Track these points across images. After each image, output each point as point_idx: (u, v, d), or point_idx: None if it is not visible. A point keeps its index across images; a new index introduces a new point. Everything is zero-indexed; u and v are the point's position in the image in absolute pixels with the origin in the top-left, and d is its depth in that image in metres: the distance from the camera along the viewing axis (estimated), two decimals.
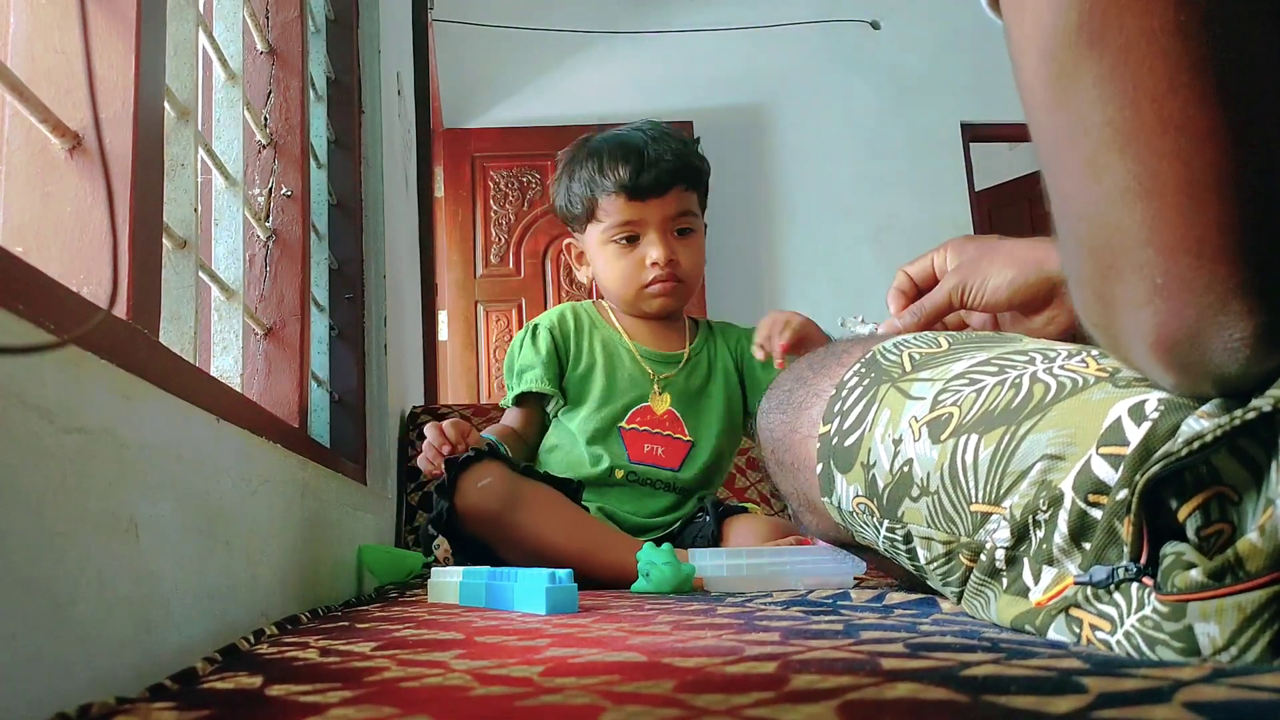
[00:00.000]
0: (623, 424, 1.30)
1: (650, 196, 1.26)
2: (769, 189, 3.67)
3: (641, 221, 1.28)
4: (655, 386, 1.33)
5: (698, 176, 1.31)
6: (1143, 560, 0.36)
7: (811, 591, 0.79)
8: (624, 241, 1.29)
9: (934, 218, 3.55)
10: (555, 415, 1.36)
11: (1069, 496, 0.42)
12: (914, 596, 0.67)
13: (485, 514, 1.06)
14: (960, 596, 0.53)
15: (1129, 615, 0.38)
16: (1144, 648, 0.37)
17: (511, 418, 1.36)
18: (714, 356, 1.39)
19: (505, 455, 1.17)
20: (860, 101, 3.72)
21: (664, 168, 1.26)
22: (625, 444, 1.30)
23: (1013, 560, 0.46)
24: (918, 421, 0.53)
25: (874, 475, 0.55)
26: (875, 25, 3.76)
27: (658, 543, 0.92)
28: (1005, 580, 0.47)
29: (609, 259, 1.31)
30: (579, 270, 1.39)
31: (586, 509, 1.18)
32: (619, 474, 1.27)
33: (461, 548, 1.07)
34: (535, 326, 1.37)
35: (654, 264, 1.28)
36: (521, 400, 1.35)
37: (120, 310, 0.51)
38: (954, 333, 0.62)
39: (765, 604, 0.68)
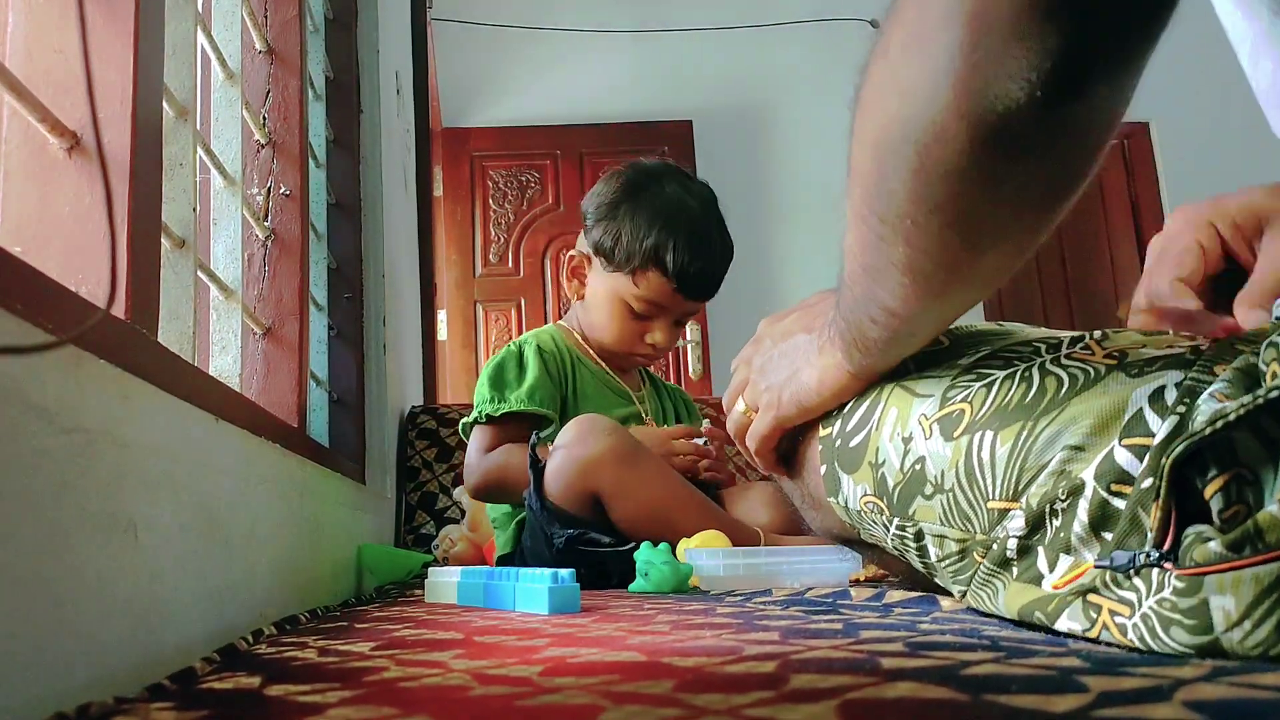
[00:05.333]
0: None
1: (692, 298, 1.27)
2: (768, 188, 3.67)
3: (666, 309, 1.27)
4: (642, 407, 1.33)
5: None
6: (1166, 545, 0.36)
7: (810, 590, 0.79)
8: (638, 312, 1.27)
9: None
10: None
11: (1090, 485, 0.42)
12: (913, 595, 0.67)
13: (610, 460, 1.01)
14: (967, 593, 0.53)
15: (1147, 598, 0.38)
16: (1159, 629, 0.37)
17: (508, 445, 1.18)
18: (662, 394, 1.45)
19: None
20: None
21: (716, 281, 1.29)
22: None
23: (1026, 549, 0.46)
24: (928, 419, 0.52)
25: (883, 474, 0.55)
26: (875, 24, 3.76)
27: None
28: (1016, 569, 0.47)
29: (614, 313, 1.29)
30: (568, 284, 1.35)
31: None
32: None
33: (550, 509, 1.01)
34: (536, 345, 1.29)
35: (653, 345, 1.30)
36: (507, 420, 1.20)
37: (119, 310, 0.51)
38: (952, 329, 0.62)
39: (765, 603, 0.68)
